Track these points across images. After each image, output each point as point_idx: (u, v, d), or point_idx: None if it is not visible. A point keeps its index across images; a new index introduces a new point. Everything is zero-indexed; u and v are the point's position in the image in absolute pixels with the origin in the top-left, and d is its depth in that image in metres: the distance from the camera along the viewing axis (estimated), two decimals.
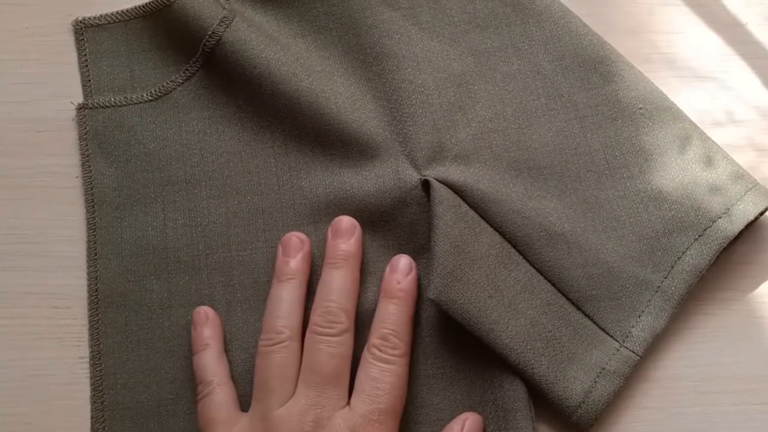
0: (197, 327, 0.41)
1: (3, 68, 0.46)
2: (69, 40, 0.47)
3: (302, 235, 0.42)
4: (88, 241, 0.43)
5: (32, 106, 0.46)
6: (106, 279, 0.43)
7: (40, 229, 0.44)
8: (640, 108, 0.43)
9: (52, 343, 0.42)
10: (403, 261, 0.41)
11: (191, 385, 0.41)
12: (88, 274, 0.43)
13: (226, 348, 0.41)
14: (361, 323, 0.40)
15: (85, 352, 0.42)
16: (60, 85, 0.46)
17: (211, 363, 0.40)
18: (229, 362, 0.41)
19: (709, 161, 0.42)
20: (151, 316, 0.42)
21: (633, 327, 0.40)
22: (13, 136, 0.45)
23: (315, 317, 0.39)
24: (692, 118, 0.44)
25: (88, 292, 0.42)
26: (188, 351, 0.41)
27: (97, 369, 0.41)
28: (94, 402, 0.41)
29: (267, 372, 0.38)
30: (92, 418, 0.41)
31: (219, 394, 0.39)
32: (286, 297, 0.40)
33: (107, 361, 0.42)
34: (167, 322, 0.42)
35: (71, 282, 0.43)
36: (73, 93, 0.46)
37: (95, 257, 0.43)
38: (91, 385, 0.41)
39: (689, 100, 0.45)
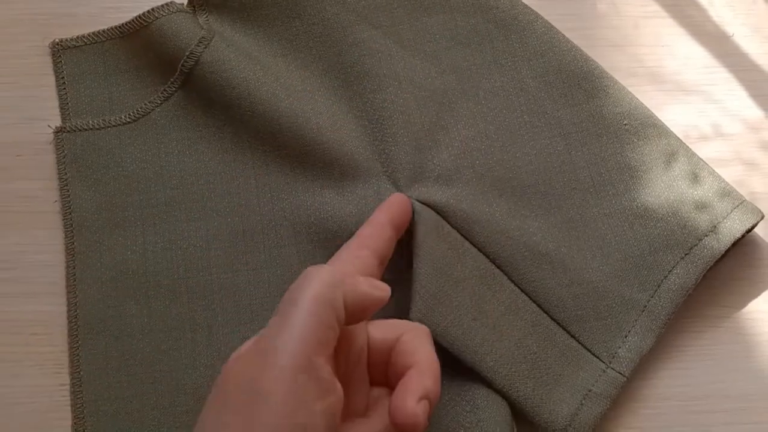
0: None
1: None
2: (46, 62, 0.46)
3: None
4: (67, 267, 0.43)
5: (9, 129, 0.45)
6: (85, 305, 0.42)
7: (18, 254, 0.43)
8: (625, 124, 0.43)
9: (33, 371, 0.42)
10: None
11: (174, 411, 0.40)
12: (67, 300, 0.42)
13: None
14: None
15: (66, 378, 0.41)
16: (37, 108, 0.45)
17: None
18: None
19: (695, 178, 0.42)
20: (132, 342, 0.41)
21: (619, 348, 0.40)
22: None
23: None
24: (679, 133, 0.43)
25: (68, 318, 0.42)
26: (170, 376, 0.41)
27: (78, 397, 0.41)
28: (75, 430, 0.40)
29: None
30: None
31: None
32: None
33: (88, 388, 0.41)
34: (148, 348, 0.41)
35: (50, 308, 0.42)
36: (51, 116, 0.45)
37: (74, 283, 0.42)
38: (72, 413, 0.41)
39: (676, 114, 0.45)
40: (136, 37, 0.45)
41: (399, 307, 0.40)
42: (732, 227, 0.40)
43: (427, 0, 0.45)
